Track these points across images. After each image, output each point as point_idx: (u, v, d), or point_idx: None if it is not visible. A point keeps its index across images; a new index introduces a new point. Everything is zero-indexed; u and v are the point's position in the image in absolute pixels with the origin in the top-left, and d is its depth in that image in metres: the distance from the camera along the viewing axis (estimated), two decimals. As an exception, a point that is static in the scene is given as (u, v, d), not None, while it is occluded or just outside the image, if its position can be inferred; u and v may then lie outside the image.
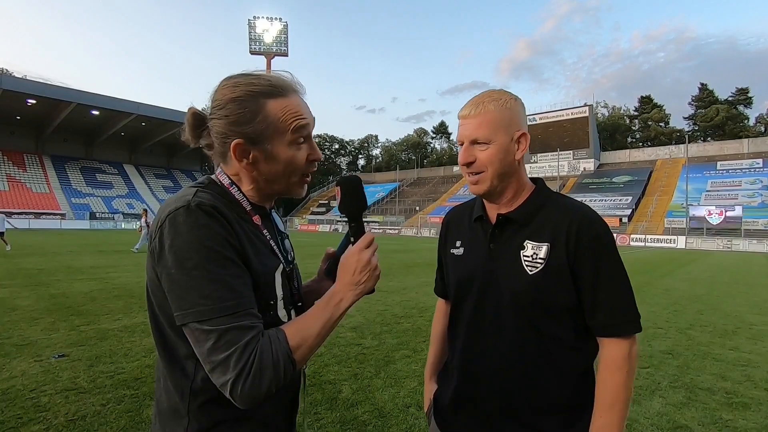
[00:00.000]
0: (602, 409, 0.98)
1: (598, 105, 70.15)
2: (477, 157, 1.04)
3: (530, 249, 1.03)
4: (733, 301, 8.17)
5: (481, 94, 1.06)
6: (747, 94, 59.36)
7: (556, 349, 1.02)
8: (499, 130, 1.02)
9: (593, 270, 0.99)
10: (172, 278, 0.74)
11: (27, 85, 40.99)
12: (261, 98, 0.84)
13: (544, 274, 1.00)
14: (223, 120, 0.83)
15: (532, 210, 1.07)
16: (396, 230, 48.12)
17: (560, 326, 1.02)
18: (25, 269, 10.17)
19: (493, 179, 1.04)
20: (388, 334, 5.06)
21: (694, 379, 3.87)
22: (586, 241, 0.99)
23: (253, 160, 0.85)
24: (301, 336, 0.79)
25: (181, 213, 0.76)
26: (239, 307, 0.75)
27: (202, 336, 0.73)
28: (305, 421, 2.86)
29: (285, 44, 59.02)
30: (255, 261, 0.82)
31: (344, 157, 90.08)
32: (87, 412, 2.90)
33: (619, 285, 1.01)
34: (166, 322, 0.81)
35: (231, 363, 0.71)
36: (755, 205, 35.54)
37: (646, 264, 16.32)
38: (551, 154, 52.03)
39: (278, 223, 1.03)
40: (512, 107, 1.04)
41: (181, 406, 0.81)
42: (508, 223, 1.08)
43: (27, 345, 4.33)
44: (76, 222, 41.95)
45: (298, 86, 0.89)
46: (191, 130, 0.87)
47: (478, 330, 1.09)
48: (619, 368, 0.98)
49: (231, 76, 0.87)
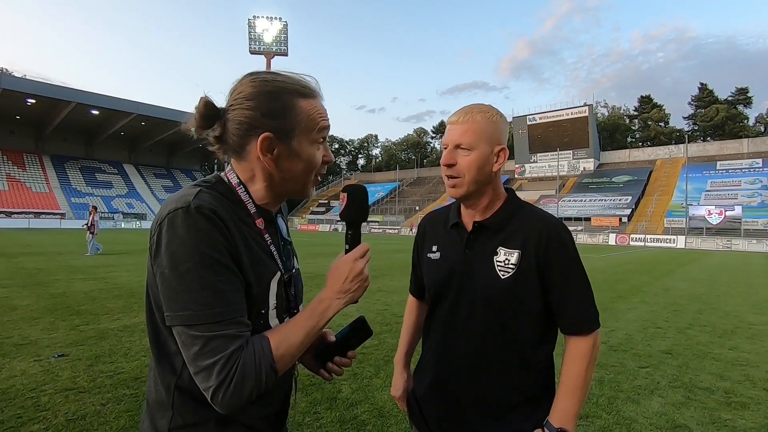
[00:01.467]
0: (564, 393, 1.09)
1: (598, 105, 70.23)
2: (458, 161, 1.12)
3: (503, 255, 1.12)
4: (732, 301, 8.18)
5: (471, 105, 1.15)
6: (747, 93, 59.39)
7: (523, 345, 1.12)
8: (482, 140, 1.10)
9: (559, 274, 1.10)
10: (165, 278, 0.75)
11: (27, 84, 40.99)
12: (293, 95, 0.86)
13: (515, 279, 1.09)
14: (254, 111, 0.83)
15: (504, 217, 1.16)
16: (396, 230, 48.12)
17: (527, 325, 1.12)
18: (25, 269, 10.17)
19: (469, 185, 1.12)
20: (388, 334, 5.07)
21: (693, 379, 3.87)
22: (553, 248, 1.09)
23: (276, 155, 0.85)
24: (285, 345, 0.80)
25: (179, 214, 0.76)
26: (228, 315, 0.75)
27: (189, 340, 0.74)
28: (302, 420, 2.86)
29: (285, 44, 58.93)
30: (249, 269, 0.82)
31: (344, 157, 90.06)
32: (87, 412, 2.90)
33: (582, 288, 1.12)
34: (160, 318, 0.82)
35: (215, 371, 0.72)
36: (755, 204, 35.55)
37: (645, 264, 16.32)
38: (551, 153, 52.03)
39: (282, 229, 1.01)
40: (497, 122, 1.12)
41: (167, 399, 0.82)
42: (482, 230, 1.16)
43: (27, 344, 4.34)
44: (75, 221, 41.84)
45: (320, 92, 0.92)
46: (201, 119, 0.85)
47: (452, 329, 1.17)
48: (581, 359, 1.09)
49: (257, 72, 0.88)
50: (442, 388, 1.17)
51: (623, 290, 9.08)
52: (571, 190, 48.79)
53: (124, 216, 45.85)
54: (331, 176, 79.09)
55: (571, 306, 1.10)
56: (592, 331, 1.10)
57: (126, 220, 44.99)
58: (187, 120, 0.87)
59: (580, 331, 1.10)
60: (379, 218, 54.89)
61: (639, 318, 6.41)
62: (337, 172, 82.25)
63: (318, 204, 66.42)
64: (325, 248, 20.41)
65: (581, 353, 1.09)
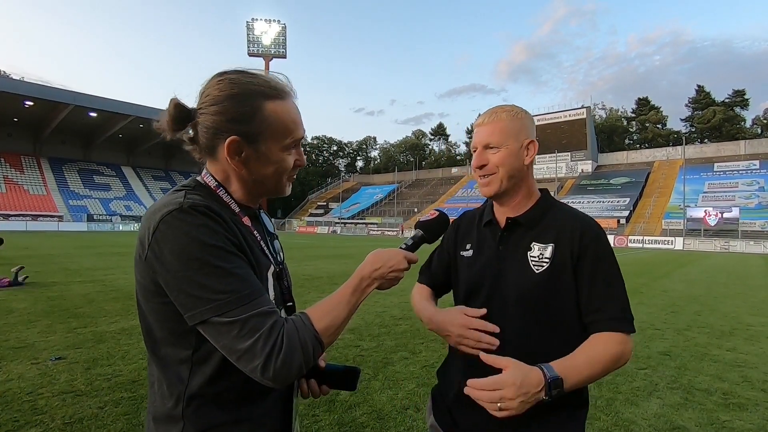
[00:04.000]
0: (581, 358, 1.00)
1: (595, 107, 70.42)
2: (489, 159, 1.12)
3: (537, 249, 1.10)
4: (730, 302, 8.20)
5: (495, 106, 1.17)
6: (743, 96, 59.62)
7: (557, 345, 1.06)
8: (510, 136, 1.11)
9: (592, 269, 1.06)
10: (180, 280, 0.73)
11: (25, 86, 40.91)
12: (260, 98, 0.83)
13: (549, 273, 1.07)
14: (219, 116, 0.82)
15: (538, 214, 1.15)
16: (395, 232, 48.10)
17: (562, 323, 1.08)
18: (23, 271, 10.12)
19: (503, 180, 1.12)
20: (387, 336, 5.06)
21: (692, 380, 3.88)
22: (587, 242, 1.07)
23: (245, 158, 0.85)
24: (329, 318, 0.82)
25: (175, 215, 0.75)
26: (254, 295, 0.76)
27: (224, 328, 0.73)
28: (301, 422, 2.86)
29: (283, 46, 58.99)
30: (251, 258, 0.83)
31: (342, 159, 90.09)
32: (84, 415, 2.89)
33: (618, 286, 1.07)
34: (162, 328, 0.81)
35: (258, 348, 0.72)
36: (752, 206, 35.68)
37: (643, 265, 16.34)
38: (549, 155, 52.13)
39: (267, 223, 1.03)
40: (522, 118, 1.14)
41: (176, 411, 0.81)
42: (516, 226, 1.15)
43: (24, 348, 4.32)
44: (73, 224, 41.76)
45: (292, 90, 0.89)
46: (172, 121, 0.84)
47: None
48: (614, 346, 1.01)
49: (225, 72, 0.86)
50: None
51: (621, 292, 9.08)
52: (569, 192, 48.88)
53: (122, 218, 45.71)
54: (330, 178, 79.08)
55: (607, 302, 1.04)
56: (628, 331, 1.03)
57: (124, 222, 44.84)
58: (159, 119, 0.85)
59: (617, 328, 1.03)
60: (378, 220, 54.89)
61: (637, 319, 6.30)
62: (335, 174, 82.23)
63: (317, 206, 66.43)
64: (323, 251, 20.35)
65: (612, 341, 1.01)
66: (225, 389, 0.82)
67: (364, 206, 62.66)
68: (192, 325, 0.75)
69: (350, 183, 75.78)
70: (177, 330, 0.79)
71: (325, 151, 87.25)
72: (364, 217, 58.70)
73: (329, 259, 15.43)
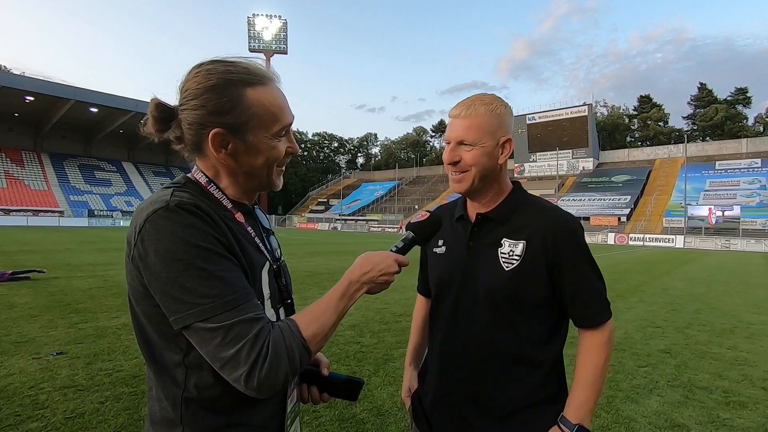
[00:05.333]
0: (581, 387, 1.06)
1: (597, 104, 70.19)
2: (462, 157, 1.08)
3: (507, 246, 1.08)
4: (731, 301, 8.20)
5: (473, 96, 1.11)
6: (746, 93, 59.39)
7: (528, 343, 1.07)
8: (486, 134, 1.06)
9: (569, 266, 1.06)
10: (164, 282, 0.71)
11: (25, 81, 40.80)
12: (240, 86, 0.80)
13: (519, 271, 1.05)
14: (199, 110, 0.78)
15: (509, 209, 1.13)
16: (395, 228, 48.11)
17: (532, 321, 1.08)
18: (24, 266, 10.14)
19: (475, 178, 1.09)
20: (387, 333, 5.07)
21: (692, 378, 3.88)
22: (562, 241, 1.06)
23: (232, 151, 0.81)
24: (317, 324, 0.78)
25: (161, 214, 0.72)
26: (240, 300, 0.72)
27: (208, 335, 0.70)
28: (297, 421, 2.86)
29: (284, 42, 58.77)
30: (242, 259, 0.80)
31: (343, 156, 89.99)
32: (85, 410, 2.90)
33: (592, 280, 1.09)
34: (153, 331, 0.78)
35: (242, 357, 0.69)
36: (753, 204, 35.59)
37: (644, 263, 16.34)
38: (550, 153, 52.04)
39: (262, 219, 0.99)
40: (501, 113, 1.08)
41: (174, 415, 0.79)
42: (486, 221, 1.14)
43: (25, 342, 4.33)
44: (74, 219, 41.81)
45: (274, 75, 0.86)
46: (156, 122, 0.81)
47: (455, 326, 1.13)
48: (596, 351, 1.07)
49: (202, 64, 0.82)
50: (446, 389, 1.13)
51: (622, 290, 9.09)
52: (570, 190, 48.80)
53: (123, 214, 45.75)
54: (330, 175, 79.03)
55: (582, 298, 1.07)
56: (604, 323, 1.08)
57: (125, 218, 44.86)
58: (144, 122, 0.83)
59: (593, 324, 1.08)
60: (379, 217, 54.87)
61: (638, 317, 6.42)
62: (336, 170, 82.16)
63: (317, 203, 66.42)
64: (324, 247, 20.37)
65: (596, 345, 1.07)
66: (222, 393, 0.79)
67: (365, 203, 62.60)
68: (177, 330, 0.73)
69: (351, 180, 75.67)
70: (168, 333, 0.76)
71: (326, 147, 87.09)
72: (364, 213, 58.68)
73: (330, 256, 15.45)
